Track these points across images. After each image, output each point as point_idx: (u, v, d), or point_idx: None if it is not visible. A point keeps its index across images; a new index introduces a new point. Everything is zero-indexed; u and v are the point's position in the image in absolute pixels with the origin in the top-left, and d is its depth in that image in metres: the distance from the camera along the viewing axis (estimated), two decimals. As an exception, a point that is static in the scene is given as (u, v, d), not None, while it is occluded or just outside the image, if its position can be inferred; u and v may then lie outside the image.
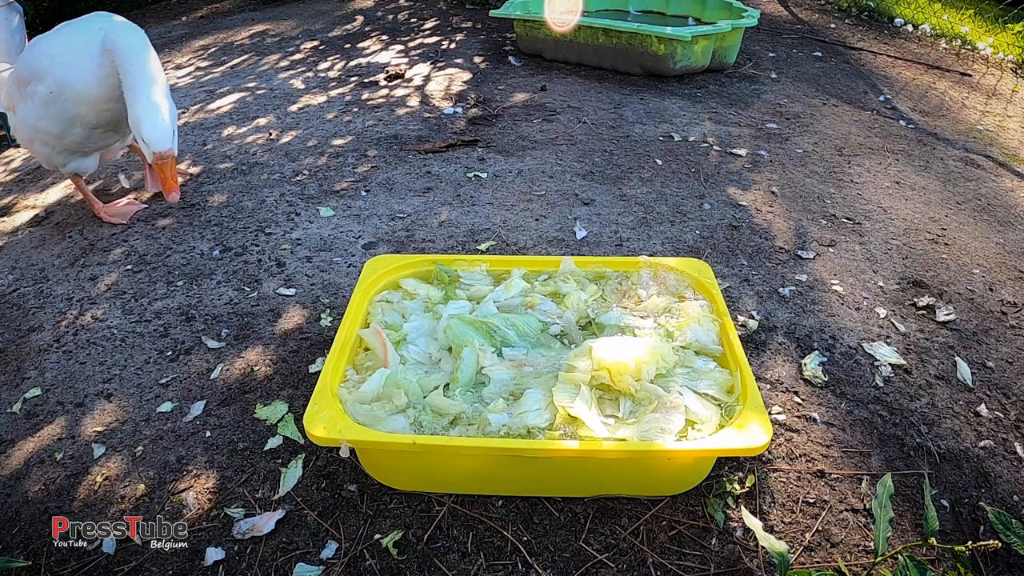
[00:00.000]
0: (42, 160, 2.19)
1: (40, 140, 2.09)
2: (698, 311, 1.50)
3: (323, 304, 1.87)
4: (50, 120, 2.02)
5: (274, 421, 1.50)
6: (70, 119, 2.01)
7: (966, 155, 2.85)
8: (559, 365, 1.37)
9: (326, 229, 2.22)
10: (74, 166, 2.19)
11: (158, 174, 1.89)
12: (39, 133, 2.07)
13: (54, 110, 1.99)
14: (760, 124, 3.05)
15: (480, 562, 1.21)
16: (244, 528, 1.27)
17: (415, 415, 1.28)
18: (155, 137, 1.82)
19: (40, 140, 2.09)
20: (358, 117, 3.13)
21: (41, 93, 1.98)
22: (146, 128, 1.82)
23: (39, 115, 2.02)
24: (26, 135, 2.12)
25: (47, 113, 2.00)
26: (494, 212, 2.30)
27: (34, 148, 2.15)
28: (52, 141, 2.08)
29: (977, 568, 1.21)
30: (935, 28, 4.56)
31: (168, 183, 1.88)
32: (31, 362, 1.70)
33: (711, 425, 1.25)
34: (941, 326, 1.81)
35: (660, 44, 3.40)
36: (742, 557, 1.22)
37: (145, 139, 1.82)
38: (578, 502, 1.31)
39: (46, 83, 1.95)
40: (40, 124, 2.04)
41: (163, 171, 1.87)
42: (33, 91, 2.00)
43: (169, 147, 1.84)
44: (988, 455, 1.43)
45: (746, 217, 2.28)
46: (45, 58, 1.96)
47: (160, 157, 1.84)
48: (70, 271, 2.05)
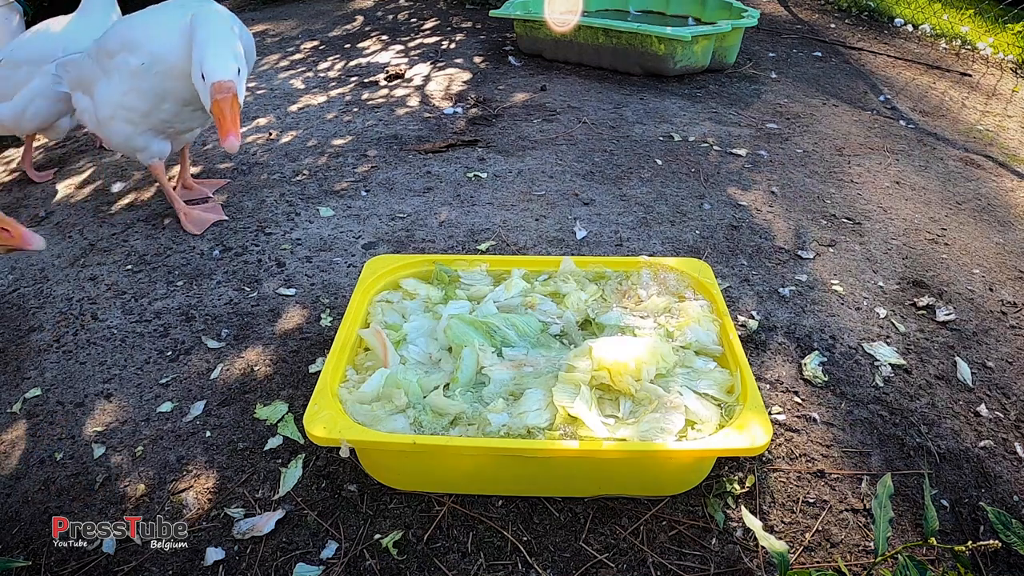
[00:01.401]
0: (118, 144, 2.09)
1: (124, 118, 2.00)
2: (698, 311, 1.50)
3: (323, 304, 1.87)
4: (138, 95, 1.94)
5: (274, 421, 1.50)
6: (160, 94, 1.92)
7: (966, 155, 2.85)
8: (559, 365, 1.37)
9: (326, 229, 2.22)
10: (155, 149, 2.11)
11: (215, 113, 1.70)
12: (123, 110, 1.98)
13: (144, 84, 1.91)
14: (760, 124, 3.05)
15: (480, 562, 1.21)
16: (244, 528, 1.27)
17: (415, 415, 1.28)
18: (214, 66, 1.68)
19: (124, 118, 2.00)
20: (358, 117, 3.13)
21: (132, 65, 1.89)
22: (209, 60, 1.68)
23: (126, 89, 1.94)
24: (105, 114, 2.03)
25: (135, 87, 1.93)
26: (494, 212, 2.30)
27: (113, 128, 2.04)
28: (137, 119, 1.99)
29: (977, 568, 1.21)
30: (935, 28, 4.56)
31: (225, 124, 1.67)
32: (31, 362, 1.70)
33: (711, 425, 1.25)
34: (941, 326, 1.81)
35: (660, 44, 3.40)
36: (742, 557, 1.22)
37: (204, 70, 1.69)
38: (578, 502, 1.31)
39: (138, 55, 1.88)
40: (126, 100, 1.96)
41: (221, 109, 1.68)
42: (123, 62, 1.91)
43: (229, 78, 1.68)
44: (988, 455, 1.43)
45: (746, 217, 2.28)
46: (139, 29, 1.90)
47: (218, 90, 1.67)
48: (70, 271, 2.05)
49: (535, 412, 1.26)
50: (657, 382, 1.32)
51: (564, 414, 1.24)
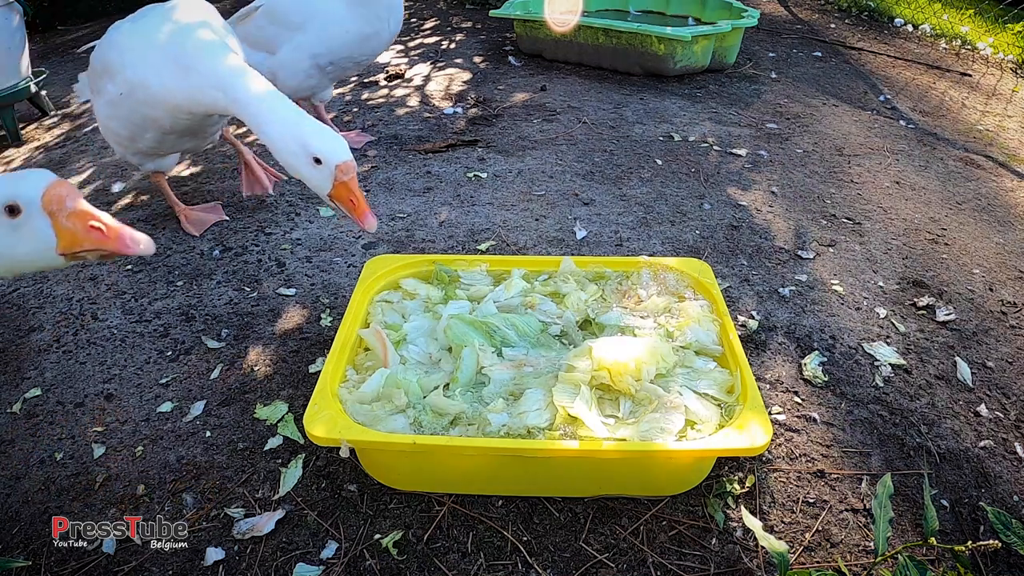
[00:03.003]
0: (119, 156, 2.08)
1: (112, 139, 1.98)
2: (698, 311, 1.50)
3: (323, 304, 1.87)
4: (118, 122, 1.85)
5: (274, 421, 1.50)
6: (140, 124, 1.80)
7: (966, 155, 2.85)
8: (559, 365, 1.37)
9: (326, 229, 2.22)
10: (151, 166, 2.09)
11: (341, 196, 1.50)
12: (109, 132, 1.95)
13: (122, 112, 1.80)
14: (760, 124, 3.05)
15: (480, 562, 1.21)
16: (244, 528, 1.27)
17: (415, 415, 1.28)
18: (332, 148, 1.47)
19: (112, 139, 1.98)
20: (358, 117, 3.13)
21: (111, 93, 1.79)
22: (317, 143, 1.47)
23: (109, 114, 1.86)
24: (101, 127, 2.00)
25: (115, 115, 1.83)
26: (494, 212, 2.30)
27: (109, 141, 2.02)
28: (125, 142, 1.93)
29: (977, 568, 1.21)
30: (935, 28, 4.56)
31: (360, 206, 1.50)
32: (31, 362, 1.70)
33: (711, 425, 1.25)
34: (941, 326, 1.81)
35: (660, 44, 3.40)
36: (742, 557, 1.22)
37: (321, 154, 1.47)
38: (578, 502, 1.31)
39: (116, 82, 1.76)
40: (110, 123, 1.89)
41: (349, 191, 1.49)
42: (103, 88, 1.82)
43: (351, 158, 1.49)
44: (988, 455, 1.43)
45: (746, 217, 2.28)
46: (115, 51, 1.75)
47: (344, 172, 1.47)
48: (70, 271, 2.05)
49: (535, 412, 1.26)
50: (657, 382, 1.32)
51: (564, 414, 1.24)
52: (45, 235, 1.07)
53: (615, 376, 1.30)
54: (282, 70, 2.41)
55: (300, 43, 2.37)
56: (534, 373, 1.37)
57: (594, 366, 1.32)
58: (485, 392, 1.34)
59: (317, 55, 2.40)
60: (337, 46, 2.39)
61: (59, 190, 1.07)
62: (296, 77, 2.43)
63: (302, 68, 2.41)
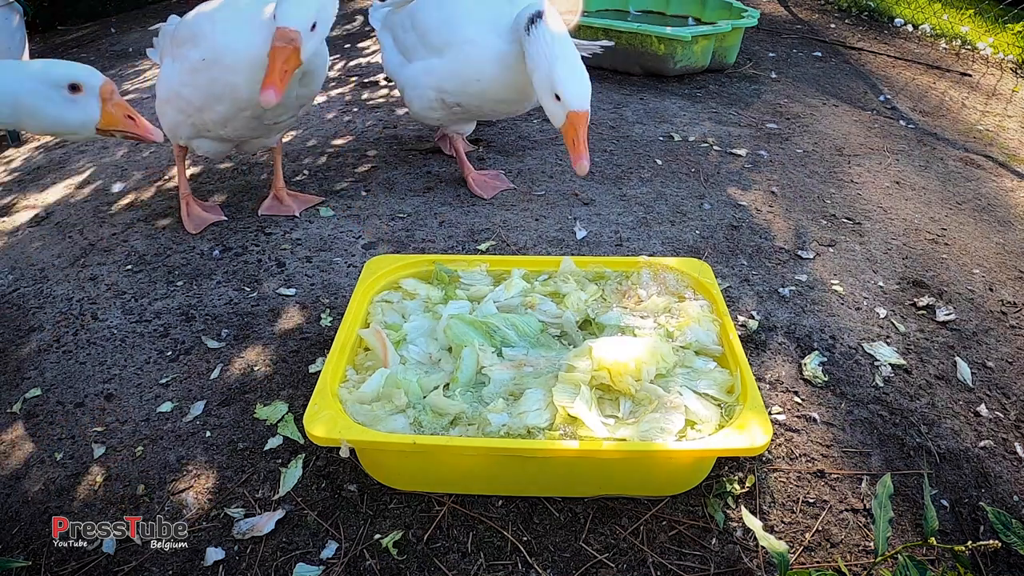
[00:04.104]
0: (166, 126, 2.05)
1: (173, 109, 1.97)
2: (698, 311, 1.50)
3: (323, 304, 1.87)
4: (193, 89, 1.87)
5: (274, 421, 1.50)
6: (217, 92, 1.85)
7: (966, 155, 2.85)
8: (559, 365, 1.37)
9: (326, 229, 2.22)
10: (200, 146, 2.06)
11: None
12: (174, 102, 1.94)
13: (200, 79, 1.84)
14: (760, 124, 3.05)
15: (480, 562, 1.21)
16: (244, 528, 1.27)
17: (415, 415, 1.28)
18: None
19: (173, 109, 1.97)
20: (358, 117, 3.13)
21: (193, 59, 1.83)
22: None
23: (185, 81, 1.89)
24: (162, 95, 2.00)
25: (192, 82, 1.86)
26: (494, 212, 2.30)
27: (166, 111, 2.02)
28: (189, 112, 1.93)
29: (977, 568, 1.21)
30: (935, 28, 4.56)
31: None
32: (31, 362, 1.70)
33: (711, 425, 1.25)
34: (941, 326, 1.81)
35: (660, 44, 3.40)
36: (742, 557, 1.22)
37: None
38: (578, 502, 1.31)
39: (201, 48, 1.80)
40: (183, 90, 1.91)
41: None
42: (186, 54, 1.86)
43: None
44: (988, 455, 1.43)
45: (746, 217, 2.28)
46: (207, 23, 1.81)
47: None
48: (70, 271, 2.05)
49: (535, 412, 1.26)
50: (657, 382, 1.32)
51: (564, 414, 1.24)
52: (93, 112, 1.48)
53: (615, 376, 1.30)
54: (407, 88, 2.20)
55: (432, 68, 2.10)
56: (534, 373, 1.37)
57: (594, 366, 1.32)
58: (485, 392, 1.34)
59: (444, 91, 2.10)
60: (471, 93, 2.09)
61: (112, 85, 1.51)
62: (419, 102, 2.18)
63: (427, 96, 2.14)
